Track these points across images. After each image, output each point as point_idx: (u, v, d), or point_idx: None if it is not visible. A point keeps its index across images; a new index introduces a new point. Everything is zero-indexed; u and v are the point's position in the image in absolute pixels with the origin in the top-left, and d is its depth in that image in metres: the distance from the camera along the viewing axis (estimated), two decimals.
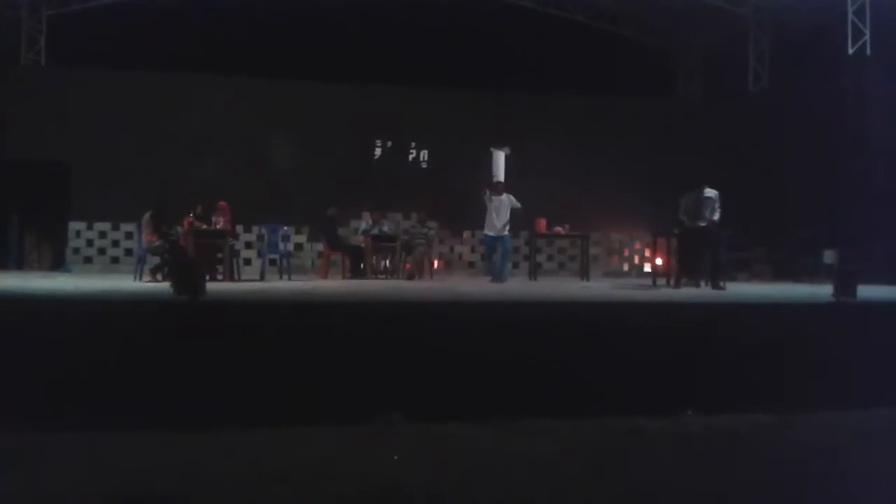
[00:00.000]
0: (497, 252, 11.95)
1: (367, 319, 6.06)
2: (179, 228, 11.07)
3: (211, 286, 7.61)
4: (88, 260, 14.66)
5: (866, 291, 8.01)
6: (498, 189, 11.96)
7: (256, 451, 4.35)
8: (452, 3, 16.67)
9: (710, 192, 10.24)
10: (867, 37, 13.53)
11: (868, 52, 13.57)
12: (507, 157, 12.50)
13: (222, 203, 11.10)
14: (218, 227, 10.86)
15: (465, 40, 15.99)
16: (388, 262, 13.61)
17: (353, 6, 16.10)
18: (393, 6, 16.31)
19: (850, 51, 13.65)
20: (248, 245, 14.71)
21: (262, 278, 11.77)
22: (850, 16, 13.59)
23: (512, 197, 11.83)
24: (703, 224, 10.08)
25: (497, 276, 11.60)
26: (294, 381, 5.15)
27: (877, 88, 13.21)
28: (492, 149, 12.43)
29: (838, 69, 13.92)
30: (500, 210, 11.71)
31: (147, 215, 10.72)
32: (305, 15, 15.85)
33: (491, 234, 11.88)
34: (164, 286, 7.86)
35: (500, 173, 12.36)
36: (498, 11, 17.01)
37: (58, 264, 14.52)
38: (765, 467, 4.33)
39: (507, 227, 11.82)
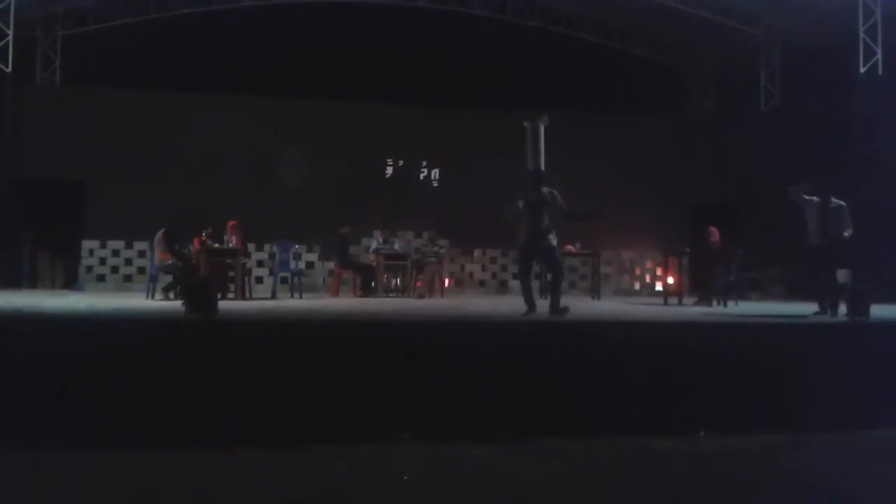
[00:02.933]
0: (529, 270, 8.65)
1: (378, 338, 6.06)
2: (192, 247, 11.10)
3: (223, 304, 7.64)
4: (101, 278, 14.72)
5: (880, 311, 7.97)
6: (536, 182, 8.30)
7: (266, 471, 4.35)
8: (463, 22, 16.81)
9: (836, 202, 8.76)
10: (879, 56, 13.51)
11: (880, 71, 13.54)
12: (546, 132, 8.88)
13: (232, 222, 11.14)
14: (230, 245, 10.89)
15: (476, 60, 16.09)
16: (398, 280, 13.62)
17: (365, 25, 16.25)
18: (404, 26, 16.46)
19: (862, 70, 13.63)
20: (260, 263, 14.76)
21: (273, 296, 11.80)
22: (862, 35, 13.58)
23: (556, 192, 8.25)
24: (826, 242, 8.64)
25: (533, 306, 8.02)
26: (304, 400, 5.15)
27: (888, 107, 13.18)
28: (525, 123, 8.93)
29: (850, 88, 13.89)
30: (543, 209, 8.11)
31: (160, 233, 10.76)
32: (318, 34, 16.00)
33: (527, 240, 8.18)
34: (177, 305, 7.90)
35: (539, 159, 8.63)
36: (508, 31, 17.12)
37: (71, 282, 14.57)
38: (779, 489, 4.29)
39: (553, 235, 8.26)
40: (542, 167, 8.56)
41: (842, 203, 8.72)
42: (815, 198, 8.76)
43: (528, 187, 8.28)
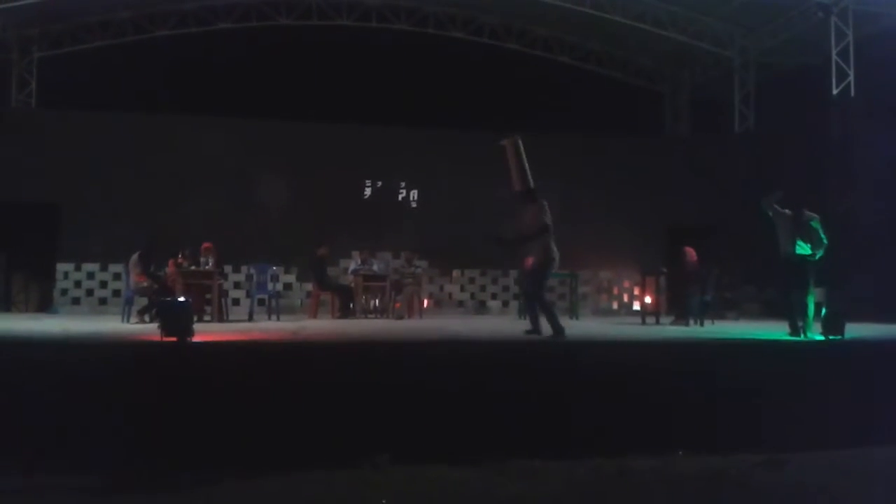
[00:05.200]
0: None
1: (356, 360, 6.02)
2: (166, 270, 11.00)
3: (199, 326, 7.57)
4: (76, 301, 14.54)
5: (854, 330, 8.04)
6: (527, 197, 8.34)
7: (243, 497, 4.30)
8: (442, 45, 16.90)
9: (809, 215, 8.48)
10: (851, 78, 13.71)
11: (852, 93, 13.73)
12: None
13: (207, 244, 11.07)
14: (206, 267, 10.82)
15: (454, 82, 16.14)
16: (377, 301, 13.57)
17: (343, 47, 16.30)
18: (382, 48, 16.52)
19: (835, 91, 13.82)
20: (237, 285, 14.65)
21: (250, 318, 11.71)
22: (834, 57, 13.78)
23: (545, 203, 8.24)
24: (798, 258, 8.38)
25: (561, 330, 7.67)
26: (281, 424, 5.10)
27: (861, 129, 13.35)
28: (504, 142, 8.62)
29: (823, 110, 14.07)
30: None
31: (135, 256, 10.67)
32: (295, 56, 16.02)
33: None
34: (153, 327, 7.82)
35: (527, 174, 8.41)
36: (486, 53, 17.22)
37: (45, 306, 14.40)
38: None
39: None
40: (531, 183, 8.42)
41: (814, 216, 8.49)
42: (787, 211, 8.57)
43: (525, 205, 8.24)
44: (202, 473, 4.58)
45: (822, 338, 7.75)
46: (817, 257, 8.45)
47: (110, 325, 9.59)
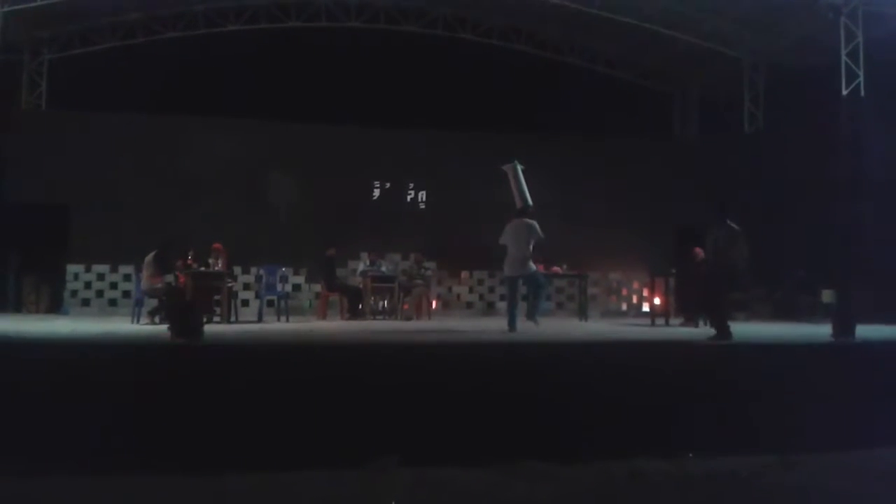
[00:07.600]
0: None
1: (365, 361, 6.03)
2: (175, 273, 10.98)
3: (208, 328, 7.59)
4: (86, 302, 14.60)
5: (864, 331, 8.00)
6: (523, 215, 9.63)
7: (254, 497, 4.31)
8: (450, 47, 16.91)
9: (731, 226, 8.43)
10: (861, 78, 13.64)
11: (862, 93, 13.67)
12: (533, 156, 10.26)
13: (216, 245, 11.08)
14: (216, 268, 10.83)
15: (463, 83, 16.13)
16: (386, 302, 13.58)
17: (352, 49, 16.31)
18: (392, 49, 16.52)
19: (844, 92, 13.75)
20: (247, 286, 14.68)
21: (259, 319, 11.73)
22: (844, 58, 13.71)
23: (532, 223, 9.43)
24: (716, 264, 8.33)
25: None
26: (291, 425, 5.11)
27: (871, 129, 13.29)
28: (504, 167, 10.47)
29: (833, 110, 14.01)
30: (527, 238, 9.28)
31: (150, 256, 10.63)
32: (304, 58, 16.03)
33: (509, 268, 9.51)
34: (162, 329, 7.85)
35: (525, 195, 10.17)
36: (495, 55, 17.21)
37: (55, 307, 14.45)
38: None
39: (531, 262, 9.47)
40: (530, 202, 9.96)
41: (734, 227, 8.36)
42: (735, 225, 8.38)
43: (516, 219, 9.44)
44: (209, 473, 4.58)
45: (832, 339, 7.72)
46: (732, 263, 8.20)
47: (121, 326, 9.62)
